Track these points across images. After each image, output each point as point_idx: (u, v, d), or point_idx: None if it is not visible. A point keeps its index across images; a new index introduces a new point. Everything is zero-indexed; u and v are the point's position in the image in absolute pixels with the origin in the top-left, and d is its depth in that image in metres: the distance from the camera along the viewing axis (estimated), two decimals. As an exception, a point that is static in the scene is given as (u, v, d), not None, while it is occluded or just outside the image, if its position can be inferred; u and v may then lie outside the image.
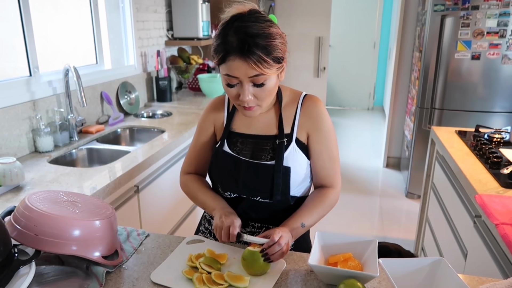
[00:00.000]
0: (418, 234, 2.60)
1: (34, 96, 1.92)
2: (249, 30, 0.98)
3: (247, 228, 1.23)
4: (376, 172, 4.31)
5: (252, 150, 1.17)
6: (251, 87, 1.04)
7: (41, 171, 1.69)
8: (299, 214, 1.13)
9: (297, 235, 1.11)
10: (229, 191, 1.20)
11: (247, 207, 1.19)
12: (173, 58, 3.19)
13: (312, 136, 1.17)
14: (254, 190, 1.16)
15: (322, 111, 1.17)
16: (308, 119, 1.16)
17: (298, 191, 1.19)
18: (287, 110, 1.18)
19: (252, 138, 1.19)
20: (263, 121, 1.19)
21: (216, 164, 1.20)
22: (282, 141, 1.14)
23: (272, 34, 1.01)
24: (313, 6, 3.96)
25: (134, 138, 2.45)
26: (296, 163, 1.15)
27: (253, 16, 1.02)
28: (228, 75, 1.02)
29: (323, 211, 1.17)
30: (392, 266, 0.93)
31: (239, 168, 1.16)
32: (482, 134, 2.10)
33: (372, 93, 7.07)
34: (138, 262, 1.06)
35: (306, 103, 1.18)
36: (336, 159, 1.19)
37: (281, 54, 1.03)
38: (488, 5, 3.08)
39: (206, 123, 1.26)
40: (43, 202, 1.00)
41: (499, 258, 1.28)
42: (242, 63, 0.99)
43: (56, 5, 2.35)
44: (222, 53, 1.01)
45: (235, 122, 1.22)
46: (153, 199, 1.96)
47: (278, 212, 1.19)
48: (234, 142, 1.20)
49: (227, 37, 1.00)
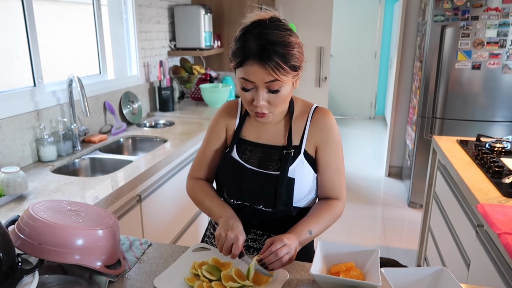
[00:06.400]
0: (420, 243, 2.59)
1: (38, 106, 1.93)
2: (269, 37, 1.00)
3: (249, 235, 1.23)
4: (378, 182, 4.30)
5: (260, 159, 1.18)
6: (266, 93, 1.05)
7: (44, 181, 1.70)
8: (307, 221, 1.13)
9: (304, 242, 1.11)
10: (233, 198, 1.20)
11: (249, 214, 1.20)
12: (175, 68, 3.22)
13: (320, 149, 1.17)
14: (257, 199, 1.17)
15: (332, 123, 1.18)
16: (317, 132, 1.17)
17: (302, 203, 1.20)
18: (298, 122, 1.19)
19: (261, 147, 1.20)
20: (273, 131, 1.20)
21: (223, 169, 1.21)
22: (289, 152, 1.15)
23: (291, 43, 1.03)
24: (314, 16, 3.99)
25: (136, 148, 2.46)
26: (303, 176, 1.15)
27: (274, 24, 1.04)
28: (244, 79, 1.04)
29: (329, 221, 1.16)
30: (394, 276, 0.93)
31: (244, 176, 1.16)
32: (483, 144, 2.11)
33: (374, 102, 7.09)
34: (140, 272, 1.07)
35: (316, 116, 1.18)
36: (342, 171, 1.20)
37: (298, 63, 1.05)
38: (488, 15, 3.10)
39: (218, 127, 1.26)
40: (46, 212, 1.01)
41: (502, 267, 1.28)
42: (259, 69, 1.01)
43: (60, 16, 2.38)
44: (240, 57, 1.03)
45: (245, 129, 1.23)
46: (155, 208, 1.96)
47: (280, 221, 1.19)
48: (243, 149, 1.21)
49: (247, 42, 1.02)
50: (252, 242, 1.24)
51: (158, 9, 3.02)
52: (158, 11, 3.01)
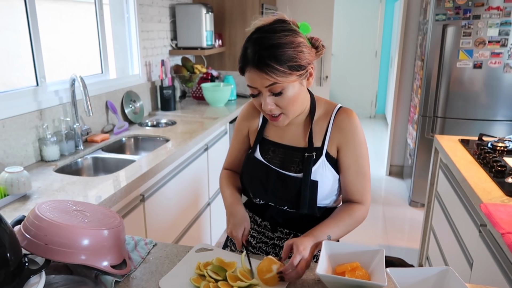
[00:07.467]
0: (422, 243, 2.59)
1: (41, 105, 1.93)
2: (264, 41, 1.01)
3: (276, 234, 1.25)
4: (379, 181, 4.30)
5: (282, 160, 1.18)
6: (270, 96, 1.05)
7: (47, 180, 1.70)
8: (326, 225, 1.12)
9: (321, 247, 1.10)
10: (259, 198, 1.21)
11: (275, 213, 1.22)
12: (177, 68, 3.21)
13: (342, 150, 1.15)
14: (282, 200, 1.17)
15: (355, 124, 1.14)
16: (339, 133, 1.14)
17: (325, 202, 1.19)
18: (320, 123, 1.17)
19: (284, 148, 1.19)
20: (295, 132, 1.19)
21: (248, 170, 1.22)
22: (311, 155, 1.14)
23: (289, 43, 1.01)
24: (315, 15, 3.99)
25: (138, 147, 2.46)
26: (325, 177, 1.14)
27: (273, 27, 1.03)
28: (248, 85, 1.07)
29: (350, 226, 1.14)
30: (400, 276, 0.93)
31: (269, 177, 1.17)
32: (485, 143, 2.11)
33: (374, 101, 7.09)
34: (146, 272, 1.07)
35: (339, 117, 1.15)
36: (366, 175, 1.17)
37: (300, 62, 1.02)
38: (489, 14, 3.10)
39: (241, 126, 1.30)
40: (52, 212, 1.01)
41: (506, 267, 1.28)
42: (257, 74, 1.02)
43: (61, 15, 2.38)
44: (241, 65, 1.06)
45: (268, 129, 1.24)
46: (158, 208, 1.97)
47: (306, 221, 1.19)
48: (266, 149, 1.21)
49: (247, 49, 1.03)
50: (278, 240, 1.25)
51: (160, 8, 3.02)
52: (159, 10, 3.01)
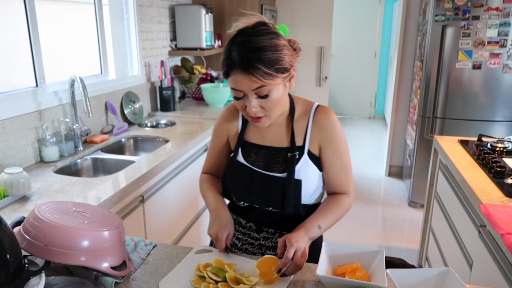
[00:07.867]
0: (422, 243, 2.59)
1: (40, 106, 1.93)
2: (250, 44, 1.01)
3: (261, 234, 1.25)
4: (378, 181, 4.31)
5: (265, 162, 1.19)
6: (256, 98, 1.06)
7: (47, 181, 1.70)
8: (316, 217, 1.14)
9: (313, 237, 1.12)
10: (243, 201, 1.22)
11: (260, 214, 1.22)
12: (176, 68, 3.21)
13: (324, 148, 1.18)
14: (266, 201, 1.18)
15: (334, 122, 1.18)
16: (319, 131, 1.17)
17: (310, 200, 1.21)
18: (300, 122, 1.19)
19: (266, 149, 1.20)
20: (276, 133, 1.20)
21: (230, 175, 1.22)
22: (293, 155, 1.15)
23: (274, 46, 1.02)
24: (314, 16, 3.99)
25: (138, 148, 2.46)
26: (308, 176, 1.16)
27: (256, 30, 1.04)
28: (233, 88, 1.06)
29: (338, 215, 1.18)
30: (400, 277, 0.93)
31: (253, 179, 1.17)
32: (485, 144, 2.11)
33: (373, 102, 7.10)
34: (146, 273, 1.07)
35: (318, 115, 1.18)
36: (348, 168, 1.22)
37: (284, 64, 1.04)
38: (489, 15, 3.11)
39: (220, 131, 1.29)
40: (52, 213, 1.01)
41: (505, 268, 1.28)
42: (244, 77, 1.02)
43: (60, 16, 2.38)
44: (225, 68, 1.05)
45: (249, 132, 1.24)
46: (158, 209, 1.97)
47: (290, 220, 1.20)
48: (248, 152, 1.22)
49: (231, 52, 1.03)
50: (264, 240, 1.26)
51: (159, 9, 3.01)
52: (159, 11, 3.01)
